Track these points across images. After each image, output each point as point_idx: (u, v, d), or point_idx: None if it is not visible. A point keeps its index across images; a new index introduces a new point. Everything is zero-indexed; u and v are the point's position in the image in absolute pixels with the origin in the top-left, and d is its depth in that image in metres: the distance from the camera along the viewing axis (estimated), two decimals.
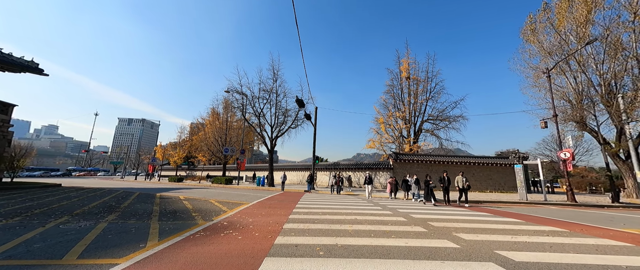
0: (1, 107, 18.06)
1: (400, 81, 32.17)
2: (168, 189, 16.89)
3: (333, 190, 17.19)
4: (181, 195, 12.42)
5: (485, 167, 22.26)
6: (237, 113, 30.24)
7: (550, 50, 19.94)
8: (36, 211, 6.93)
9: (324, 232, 5.09)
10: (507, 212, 9.22)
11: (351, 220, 6.36)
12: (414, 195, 13.54)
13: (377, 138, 29.65)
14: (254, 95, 22.75)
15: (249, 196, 12.75)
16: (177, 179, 32.67)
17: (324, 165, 29.11)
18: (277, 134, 23.24)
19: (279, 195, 13.93)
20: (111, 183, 25.37)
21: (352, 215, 7.16)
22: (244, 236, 4.63)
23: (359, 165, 25.67)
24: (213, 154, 31.55)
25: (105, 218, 6.15)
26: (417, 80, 30.44)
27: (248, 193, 14.85)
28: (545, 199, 14.39)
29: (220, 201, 10.23)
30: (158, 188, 18.47)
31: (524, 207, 11.87)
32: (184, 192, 14.49)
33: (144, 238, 4.40)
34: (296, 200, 11.06)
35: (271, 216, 6.95)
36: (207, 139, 32.07)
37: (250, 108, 23.11)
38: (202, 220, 6.12)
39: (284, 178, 18.79)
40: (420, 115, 31.09)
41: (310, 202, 10.74)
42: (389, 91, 32.54)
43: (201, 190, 16.16)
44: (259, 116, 22.60)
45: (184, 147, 46.67)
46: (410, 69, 30.68)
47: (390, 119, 30.17)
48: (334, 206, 9.32)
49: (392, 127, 29.98)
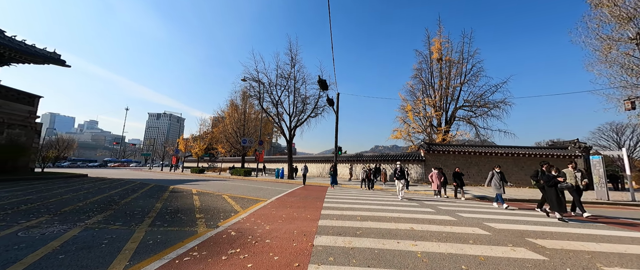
0: (27, 99, 18.34)
1: (430, 64, 28.80)
2: (185, 181, 16.16)
3: (364, 184, 15.38)
4: (195, 188, 11.35)
5: (539, 159, 18.92)
6: (255, 103, 29.12)
7: (633, 14, 15.87)
8: (22, 207, 5.93)
9: (377, 255, 3.29)
10: None
11: (409, 233, 4.49)
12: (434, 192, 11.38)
13: (404, 127, 26.98)
14: (271, 82, 21.23)
15: (267, 190, 11.36)
16: (198, 170, 32.80)
17: (345, 157, 27.21)
18: (296, 123, 21.65)
19: (300, 190, 12.41)
20: (137, 173, 25.74)
21: (405, 224, 5.28)
22: (257, 262, 2.97)
23: (385, 157, 23.43)
24: (232, 146, 30.99)
25: (88, 220, 4.88)
26: (451, 61, 26.93)
27: (266, 186, 13.53)
28: (633, 199, 11.33)
29: (235, 196, 8.86)
30: (176, 179, 17.92)
31: (611, 209, 9.14)
32: (200, 184, 13.54)
33: (107, 261, 2.91)
34: (321, 197, 9.39)
35: (294, 222, 5.30)
36: (226, 130, 31.51)
37: (267, 96, 21.71)
38: (204, 227, 4.60)
39: (306, 170, 17.25)
40: (453, 102, 27.73)
41: (339, 200, 9.00)
42: (417, 75, 29.36)
43: (218, 183, 15.17)
44: (277, 105, 21.09)
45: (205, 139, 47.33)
46: (443, 49, 27.17)
47: (419, 105, 27.20)
48: (372, 207, 7.49)
49: (421, 116, 27.06)
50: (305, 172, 17.28)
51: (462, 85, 27.35)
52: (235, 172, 26.68)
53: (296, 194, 10.48)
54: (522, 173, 19.06)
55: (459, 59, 27.47)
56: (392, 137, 27.38)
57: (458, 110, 27.79)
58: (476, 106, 26.49)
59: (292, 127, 21.77)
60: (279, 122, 21.73)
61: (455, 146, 20.88)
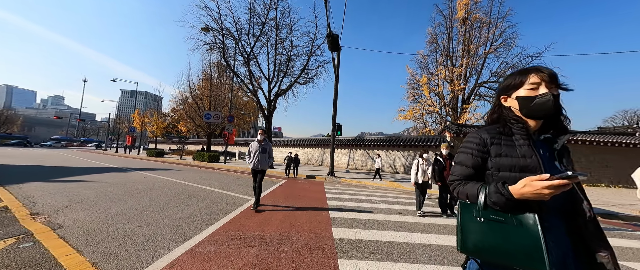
0: None
1: (449, 27, 23.03)
2: (109, 170, 9.95)
3: (377, 177, 10.52)
4: (105, 186, 5.40)
5: (600, 147, 14.39)
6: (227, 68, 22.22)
7: None
8: None
9: None
10: None
11: None
12: None
13: (417, 106, 21.61)
14: (242, 29, 14.56)
15: (221, 197, 5.64)
16: (156, 153, 26.13)
17: (341, 140, 21.68)
18: (277, 91, 15.51)
19: (281, 189, 6.80)
20: (68, 156, 18.91)
21: None
22: None
23: (395, 142, 18.14)
24: (194, 122, 24.34)
25: None
26: (480, 20, 21.25)
27: (229, 183, 7.81)
28: None
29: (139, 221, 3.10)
30: (103, 168, 11.53)
31: None
32: (121, 177, 7.56)
33: None
34: (322, 221, 3.77)
35: None
36: (187, 103, 24.66)
37: (238, 54, 15.09)
38: None
39: (294, 162, 11.64)
40: (475, 75, 22.54)
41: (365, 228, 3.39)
42: (433, 41, 23.64)
43: (155, 177, 9.17)
44: (249, 60, 14.57)
45: (173, 117, 39.88)
46: (471, 3, 21.27)
47: (435, 78, 21.75)
48: None
49: (439, 90, 21.72)
50: (290, 163, 11.60)
51: (487, 55, 22.03)
52: (198, 156, 20.52)
53: (276, 198, 4.83)
54: (579, 165, 14.47)
55: (486, 22, 21.89)
56: (401, 117, 22.02)
57: (480, 86, 22.70)
58: None
59: (273, 96, 15.62)
60: (254, 89, 15.43)
61: None
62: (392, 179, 12.85)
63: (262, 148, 4.95)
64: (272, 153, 5.23)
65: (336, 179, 11.57)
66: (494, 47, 21.75)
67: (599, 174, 14.36)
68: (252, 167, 4.96)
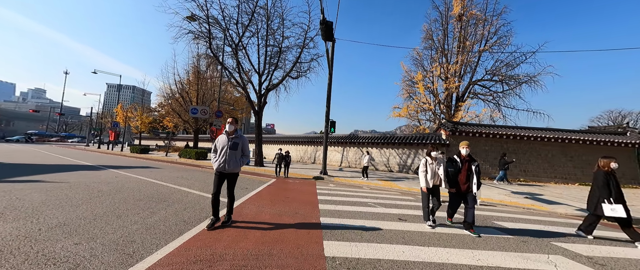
0: None
1: (444, 23, 22.72)
2: (78, 168, 8.95)
3: (364, 175, 10.46)
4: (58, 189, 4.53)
5: (592, 147, 14.35)
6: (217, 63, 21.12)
7: None
8: None
9: None
10: None
11: None
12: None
13: (412, 103, 21.23)
14: (231, 18, 13.59)
15: (198, 201, 4.88)
16: (140, 149, 24.77)
17: (333, 137, 21.06)
18: (268, 84, 14.69)
19: (268, 190, 6.10)
20: (40, 153, 17.44)
21: None
22: None
23: (389, 140, 17.66)
24: (180, 117, 23.17)
25: None
26: (476, 17, 20.96)
27: (211, 183, 7.03)
28: None
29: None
30: (73, 165, 10.46)
31: None
32: (89, 176, 6.66)
33: None
34: (312, 232, 3.13)
35: None
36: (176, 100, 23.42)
37: (226, 44, 14.12)
38: None
39: (285, 160, 10.86)
40: (470, 73, 22.36)
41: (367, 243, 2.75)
42: (428, 37, 23.27)
43: (128, 176, 8.27)
44: (237, 50, 13.62)
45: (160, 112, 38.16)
46: (467, 1, 20.92)
47: (433, 75, 21.38)
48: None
49: (433, 88, 21.37)
50: (281, 161, 10.87)
51: (481, 53, 21.85)
52: (184, 153, 19.49)
53: (263, 201, 4.17)
54: (572, 165, 14.43)
55: (482, 17, 21.64)
56: (395, 115, 21.60)
57: (474, 84, 22.54)
58: (501, 80, 21.29)
59: (263, 91, 14.78)
60: (243, 83, 14.54)
61: (489, 127, 15.54)
62: (387, 178, 12.34)
63: (231, 143, 3.64)
64: (248, 150, 3.86)
65: (329, 178, 10.95)
66: (489, 44, 21.59)
67: (590, 172, 14.31)
68: (217, 168, 3.60)
